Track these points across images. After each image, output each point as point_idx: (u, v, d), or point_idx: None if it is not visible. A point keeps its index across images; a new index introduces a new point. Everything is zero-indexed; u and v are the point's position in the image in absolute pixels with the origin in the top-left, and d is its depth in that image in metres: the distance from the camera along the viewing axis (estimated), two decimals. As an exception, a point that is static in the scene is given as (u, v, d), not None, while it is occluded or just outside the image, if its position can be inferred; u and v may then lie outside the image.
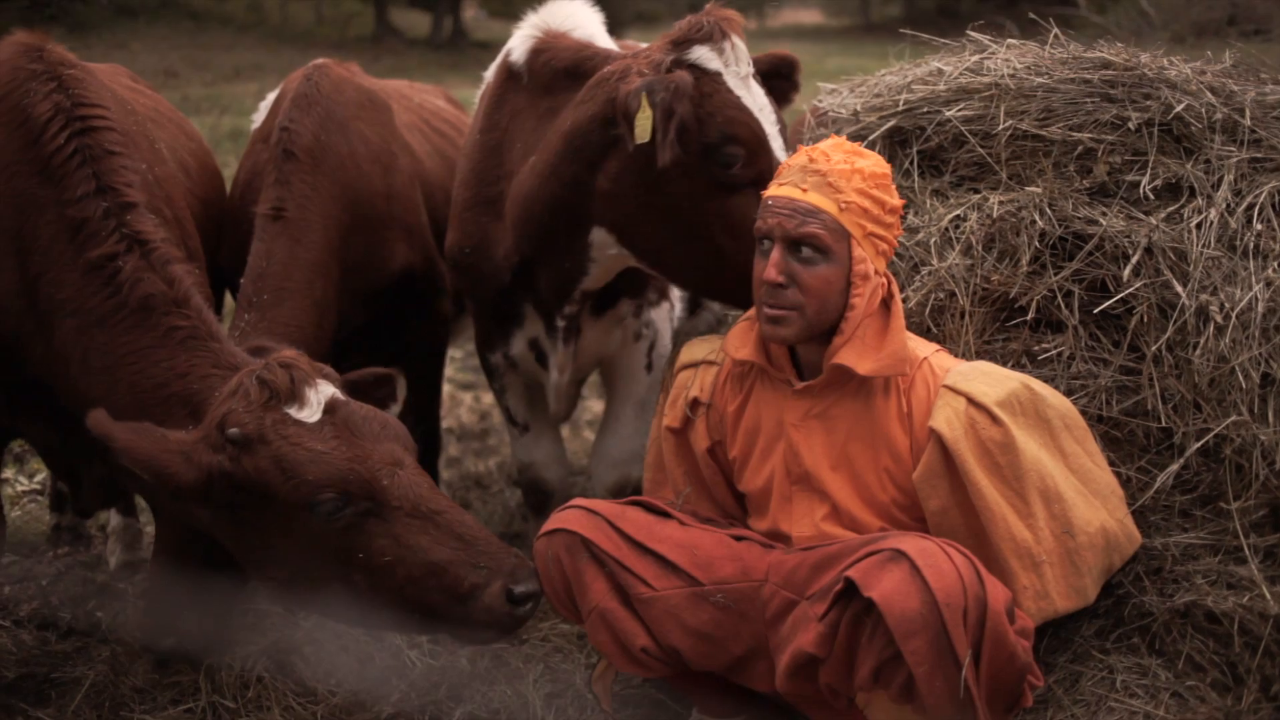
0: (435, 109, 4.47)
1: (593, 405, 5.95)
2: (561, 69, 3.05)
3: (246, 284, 3.14)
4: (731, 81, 2.71)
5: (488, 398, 6.28)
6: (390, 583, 2.50)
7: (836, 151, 2.47)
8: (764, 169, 2.68)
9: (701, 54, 2.72)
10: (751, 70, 2.77)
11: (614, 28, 3.47)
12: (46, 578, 3.80)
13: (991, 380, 2.43)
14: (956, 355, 2.75)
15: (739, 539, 2.66)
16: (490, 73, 3.47)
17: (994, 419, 2.36)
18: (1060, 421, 2.44)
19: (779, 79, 3.02)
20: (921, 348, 2.55)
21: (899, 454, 2.50)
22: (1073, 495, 2.40)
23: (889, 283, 2.54)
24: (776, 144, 2.75)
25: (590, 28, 3.27)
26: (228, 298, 3.61)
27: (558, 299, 3.24)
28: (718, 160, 2.69)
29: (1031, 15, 3.69)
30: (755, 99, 2.75)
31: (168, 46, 21.61)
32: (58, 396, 2.75)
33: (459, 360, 6.85)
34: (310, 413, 2.52)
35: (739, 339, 2.65)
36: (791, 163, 2.51)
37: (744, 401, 2.69)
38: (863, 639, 2.26)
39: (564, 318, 3.28)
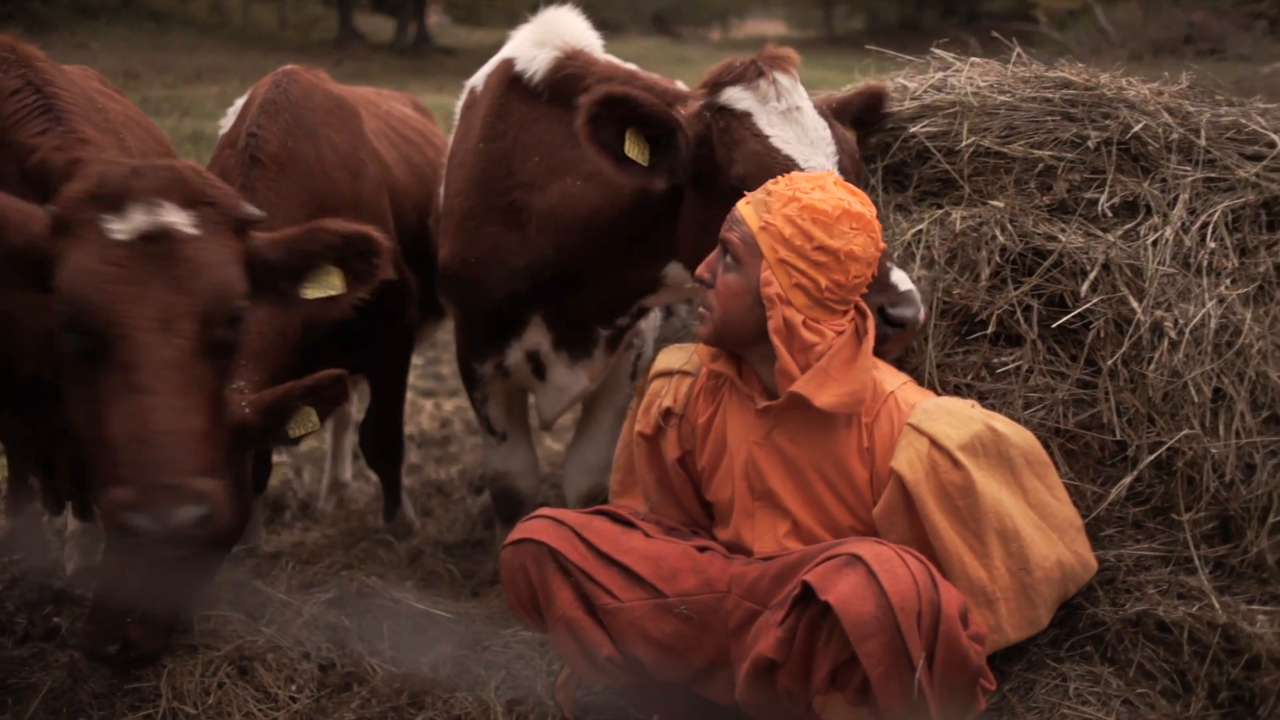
0: (403, 116, 4.47)
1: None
2: None
3: None
4: (766, 119, 2.69)
5: (448, 405, 6.29)
6: (77, 429, 2.45)
7: (804, 181, 2.47)
8: None
9: (732, 95, 2.72)
10: (800, 103, 2.72)
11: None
12: (2, 583, 3.76)
13: (955, 422, 2.44)
14: (918, 367, 2.79)
15: (703, 550, 2.69)
16: (479, 82, 3.47)
17: (955, 463, 2.39)
18: (1022, 459, 2.47)
19: (869, 111, 3.09)
20: (888, 380, 2.56)
21: (857, 486, 2.53)
22: (1031, 532, 2.44)
23: (865, 318, 2.53)
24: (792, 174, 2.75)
25: (595, 42, 3.31)
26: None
27: (610, 313, 3.27)
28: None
29: (994, 34, 3.75)
30: (803, 131, 2.70)
31: (128, 48, 21.45)
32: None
33: (419, 368, 6.86)
34: (120, 228, 2.39)
35: (715, 350, 2.66)
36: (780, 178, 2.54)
37: (714, 413, 2.71)
38: (820, 642, 2.30)
39: (615, 329, 3.31)
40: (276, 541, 4.31)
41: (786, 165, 2.64)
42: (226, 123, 3.82)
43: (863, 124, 3.11)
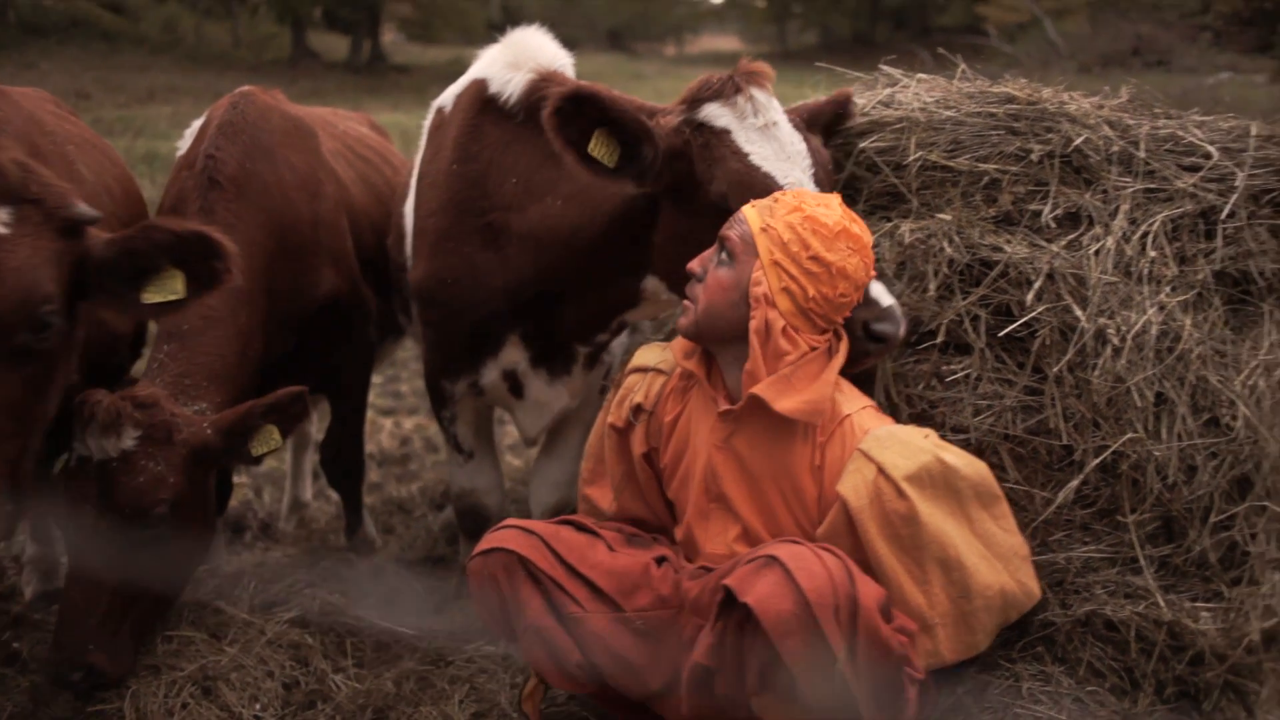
0: (359, 136, 4.50)
1: (512, 430, 5.98)
2: None
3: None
4: (744, 135, 2.74)
5: (408, 423, 6.30)
6: None
7: (811, 195, 2.58)
8: None
9: (710, 111, 2.76)
10: (777, 119, 2.77)
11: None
12: (-40, 609, 3.74)
13: (905, 451, 2.49)
14: (869, 378, 2.85)
15: (660, 561, 2.74)
16: (447, 102, 3.50)
17: (900, 492, 2.43)
18: (970, 491, 2.51)
19: (838, 119, 3.16)
20: (848, 403, 2.61)
21: (806, 502, 2.59)
22: (974, 561, 2.49)
23: (840, 340, 2.60)
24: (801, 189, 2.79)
25: (567, 63, 3.36)
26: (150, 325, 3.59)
27: (590, 330, 3.31)
28: (726, 214, 2.71)
29: (940, 50, 3.83)
30: (780, 147, 2.75)
31: (79, 68, 21.27)
32: None
33: (378, 386, 6.86)
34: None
35: (689, 348, 2.73)
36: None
37: (681, 413, 2.77)
38: (746, 644, 2.35)
39: (594, 345, 3.35)
40: (238, 561, 4.30)
41: (765, 181, 2.70)
42: (183, 144, 3.82)
43: (830, 132, 3.17)
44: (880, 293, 2.63)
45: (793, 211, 2.52)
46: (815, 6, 40.99)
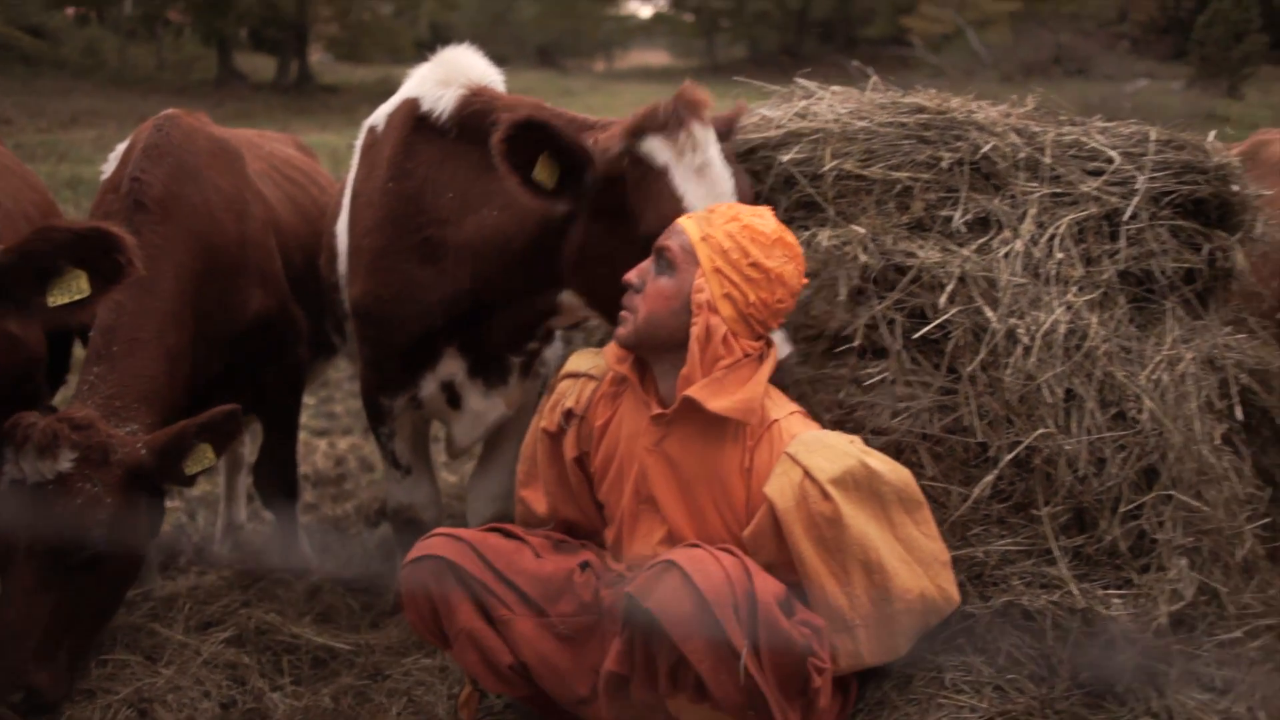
0: (286, 157, 4.51)
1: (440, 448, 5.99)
2: None
3: (96, 336, 3.14)
4: (680, 175, 2.78)
5: (343, 443, 6.28)
6: None
7: (746, 207, 2.67)
8: None
9: (653, 146, 2.79)
10: (713, 156, 2.81)
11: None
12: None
13: (831, 455, 2.55)
14: (792, 383, 2.93)
15: (584, 567, 2.81)
16: (379, 121, 3.54)
17: (825, 495, 2.50)
18: (894, 496, 2.58)
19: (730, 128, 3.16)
20: (776, 409, 2.69)
21: (734, 504, 2.66)
22: (896, 565, 2.55)
23: (771, 347, 2.69)
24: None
25: (497, 79, 3.41)
26: (77, 348, 3.59)
27: (520, 338, 3.37)
28: (648, 246, 2.75)
29: (856, 63, 3.94)
30: (711, 187, 2.79)
31: (-1, 93, 20.90)
32: None
33: (312, 407, 6.84)
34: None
35: (622, 354, 2.78)
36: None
37: (612, 417, 2.83)
38: (654, 649, 2.42)
39: (526, 354, 3.41)
40: (172, 586, 4.28)
41: None
42: (108, 168, 3.82)
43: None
44: (780, 340, 2.75)
45: (730, 221, 2.61)
46: (742, 21, 41.36)
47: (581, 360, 2.98)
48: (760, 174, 3.29)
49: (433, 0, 34.15)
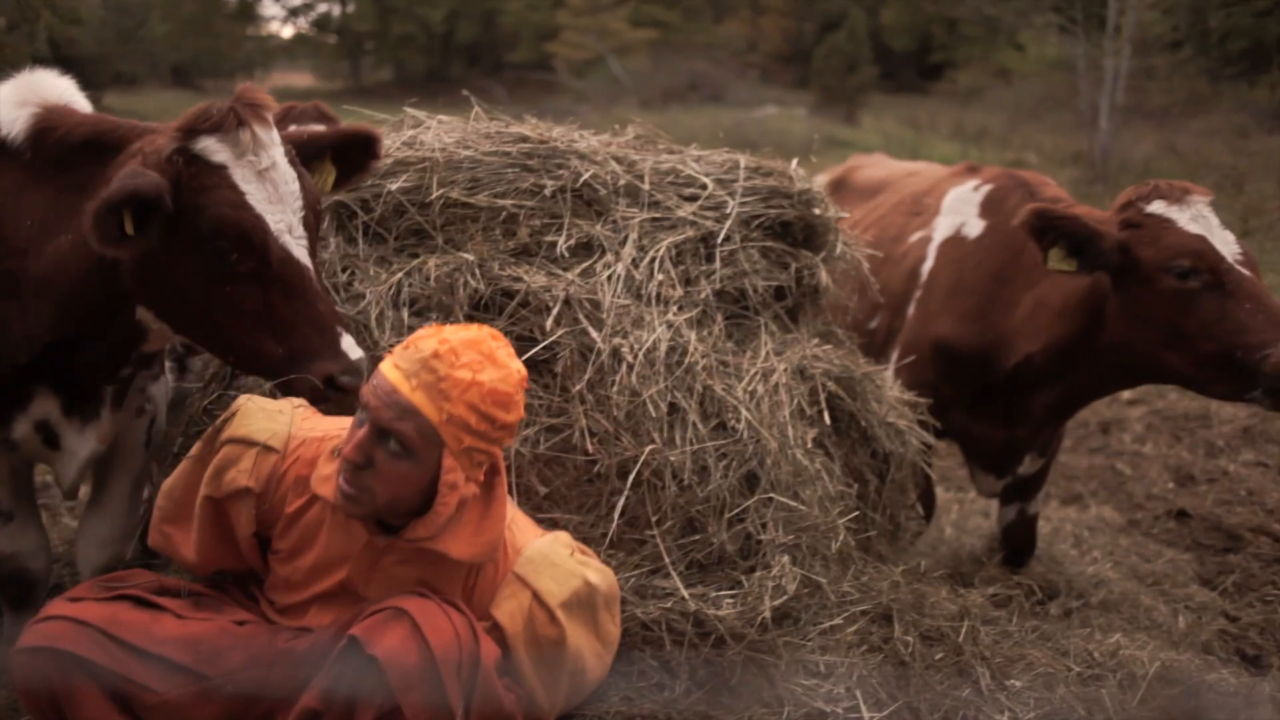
0: None
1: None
2: (79, 143, 2.92)
3: None
4: (240, 174, 2.66)
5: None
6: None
7: (468, 352, 2.36)
8: (262, 262, 2.67)
9: (208, 145, 2.67)
10: (277, 160, 2.71)
11: (92, 89, 3.36)
12: None
13: (558, 576, 2.57)
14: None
15: (241, 624, 2.64)
16: None
17: (553, 619, 2.54)
18: (603, 602, 2.65)
19: (356, 151, 3.02)
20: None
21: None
22: (592, 663, 2.65)
23: (495, 460, 2.53)
24: (289, 236, 2.71)
25: (77, 98, 3.17)
26: None
27: (110, 367, 3.12)
28: (210, 251, 2.64)
29: (465, 92, 3.97)
30: (274, 188, 2.69)
31: None
32: None
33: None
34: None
35: (325, 470, 2.54)
36: (420, 343, 2.39)
37: (306, 507, 2.63)
38: (363, 693, 2.34)
39: (117, 381, 3.16)
40: None
41: (256, 222, 2.65)
42: None
43: (349, 163, 3.14)
44: (349, 346, 2.62)
45: (468, 389, 2.34)
46: (386, 44, 40.97)
47: (253, 421, 2.71)
48: (370, 202, 3.27)
49: (51, 14, 31.74)
